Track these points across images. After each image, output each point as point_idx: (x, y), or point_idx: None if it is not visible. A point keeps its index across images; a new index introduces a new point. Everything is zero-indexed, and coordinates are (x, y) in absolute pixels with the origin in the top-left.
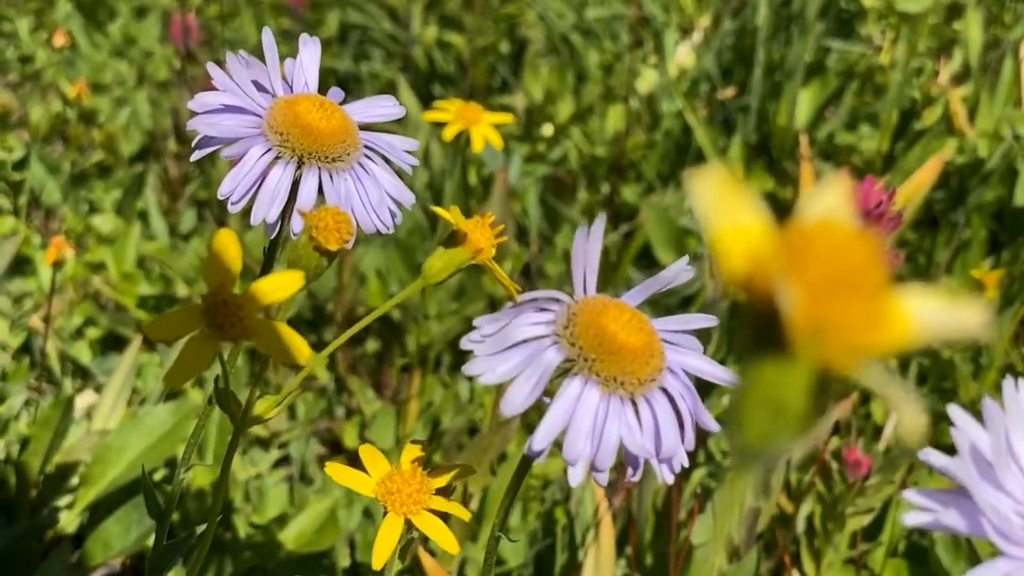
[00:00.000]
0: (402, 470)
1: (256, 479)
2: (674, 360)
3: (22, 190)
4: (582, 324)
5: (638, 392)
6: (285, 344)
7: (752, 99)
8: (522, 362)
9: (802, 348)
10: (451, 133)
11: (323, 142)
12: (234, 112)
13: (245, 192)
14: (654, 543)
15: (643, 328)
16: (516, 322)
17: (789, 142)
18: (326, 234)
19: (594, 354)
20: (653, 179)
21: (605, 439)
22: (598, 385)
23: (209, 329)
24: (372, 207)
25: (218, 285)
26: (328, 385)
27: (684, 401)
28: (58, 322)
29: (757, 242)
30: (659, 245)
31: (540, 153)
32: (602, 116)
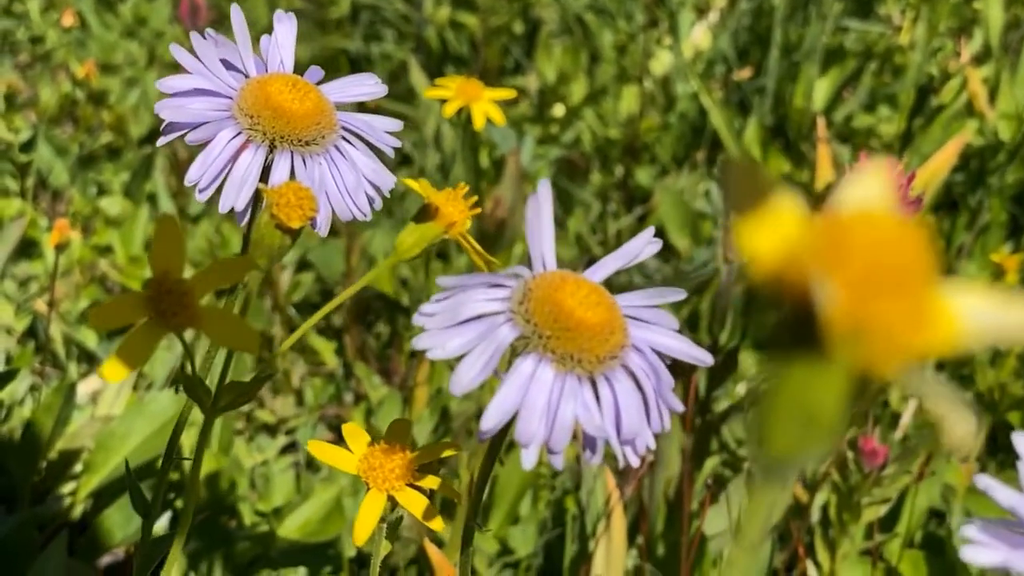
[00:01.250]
0: (384, 447)
1: (262, 466)
2: (640, 337)
3: (29, 172)
4: (537, 299)
5: (597, 371)
6: (234, 332)
7: (769, 80)
8: (474, 338)
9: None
10: (451, 110)
11: (296, 125)
12: (203, 95)
13: (213, 178)
14: (666, 533)
15: (603, 303)
16: (469, 296)
17: (806, 124)
18: (287, 211)
19: (549, 331)
20: (667, 162)
21: (559, 419)
22: (553, 363)
23: (153, 317)
24: (348, 192)
25: (162, 272)
26: (337, 370)
27: (649, 380)
28: (64, 305)
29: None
30: (673, 229)
31: (553, 135)
32: (616, 98)
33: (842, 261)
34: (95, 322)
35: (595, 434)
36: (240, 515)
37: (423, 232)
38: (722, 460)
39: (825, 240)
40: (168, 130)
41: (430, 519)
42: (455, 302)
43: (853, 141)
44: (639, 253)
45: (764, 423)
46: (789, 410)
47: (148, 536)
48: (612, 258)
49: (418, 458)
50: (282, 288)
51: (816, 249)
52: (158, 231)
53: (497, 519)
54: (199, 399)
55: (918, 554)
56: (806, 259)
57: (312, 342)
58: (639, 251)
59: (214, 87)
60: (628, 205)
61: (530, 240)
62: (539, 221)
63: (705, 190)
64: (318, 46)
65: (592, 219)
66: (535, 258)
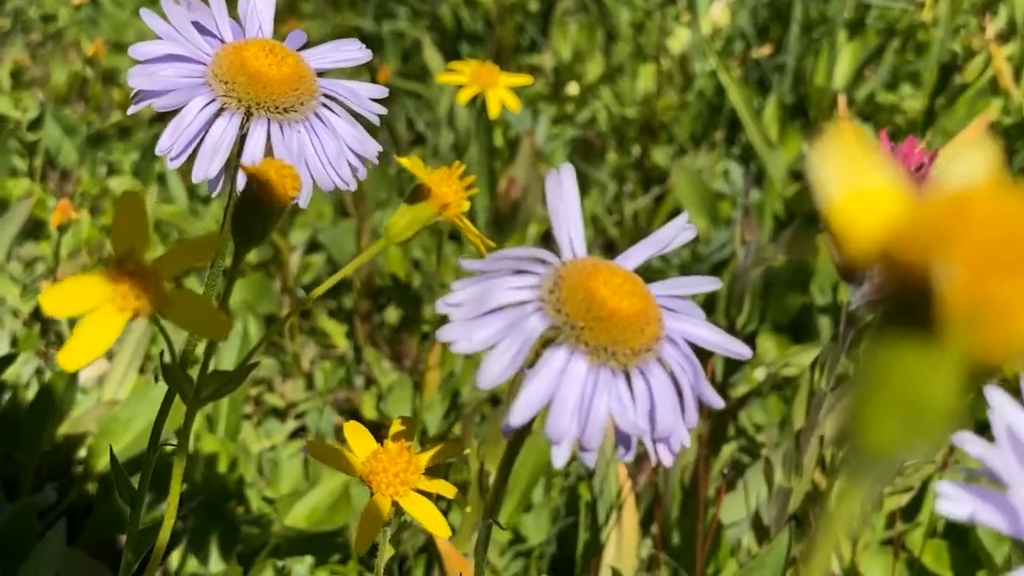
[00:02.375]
0: (388, 448)
1: (271, 451)
2: (674, 328)
3: (37, 151)
4: (569, 288)
5: (631, 363)
6: (203, 318)
7: (788, 58)
8: (502, 329)
9: (955, 332)
10: (466, 97)
11: (272, 91)
12: (175, 60)
13: (185, 146)
14: (681, 521)
15: (638, 292)
16: (496, 285)
17: (827, 102)
18: (268, 190)
19: (582, 321)
20: (685, 141)
21: (593, 415)
22: (586, 355)
23: (114, 301)
24: (329, 162)
25: (125, 251)
26: (347, 354)
27: (684, 373)
28: None
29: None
30: (691, 209)
31: (568, 114)
32: (633, 76)
33: (962, 237)
34: (48, 306)
35: (629, 431)
36: (247, 501)
37: (415, 214)
38: (739, 446)
39: (937, 216)
40: (139, 98)
41: (437, 526)
42: (481, 290)
43: (875, 120)
44: (672, 240)
45: (863, 413)
46: (893, 399)
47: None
48: (645, 245)
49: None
50: (292, 270)
51: (928, 225)
52: (120, 207)
53: (509, 507)
54: (181, 389)
55: (940, 544)
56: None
57: (323, 324)
58: (672, 238)
59: (187, 52)
60: (645, 185)
61: (556, 224)
62: (564, 204)
63: (723, 170)
64: (330, 24)
65: (608, 200)
66: (563, 243)
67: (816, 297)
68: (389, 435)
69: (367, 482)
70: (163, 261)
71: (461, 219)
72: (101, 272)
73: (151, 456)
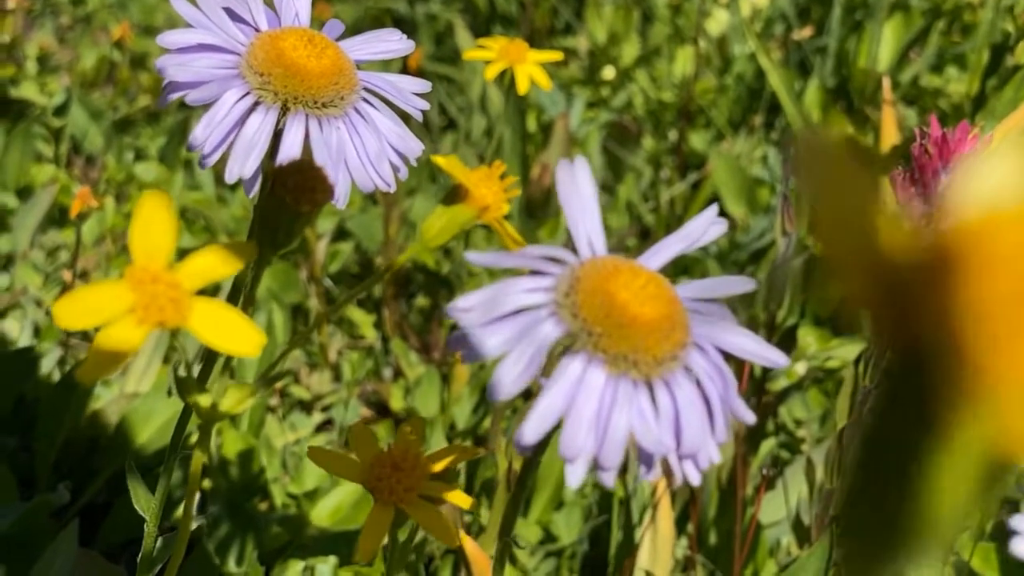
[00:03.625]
0: (393, 452)
1: (296, 444)
2: (703, 334)
3: (62, 137)
4: (586, 291)
5: (654, 374)
6: (231, 332)
7: (830, 40)
8: (514, 336)
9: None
10: (494, 72)
11: (311, 84)
12: (207, 50)
13: (218, 143)
14: (718, 521)
15: (662, 295)
16: (509, 288)
17: (870, 86)
18: (296, 194)
19: (600, 327)
20: (723, 126)
21: (611, 431)
22: (604, 365)
23: (134, 312)
24: (370, 160)
25: (147, 258)
26: (375, 344)
27: (714, 384)
28: (95, 276)
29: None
30: (729, 196)
31: (603, 98)
32: (670, 59)
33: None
34: (63, 318)
35: (651, 448)
36: (272, 497)
37: (453, 216)
38: (779, 442)
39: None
40: (170, 90)
41: (445, 536)
42: (493, 293)
43: (919, 103)
44: (702, 234)
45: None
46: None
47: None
48: (672, 240)
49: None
50: (319, 258)
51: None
52: (141, 207)
53: (540, 505)
54: (193, 403)
55: (989, 546)
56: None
57: (350, 314)
58: (702, 232)
59: (220, 42)
60: (682, 171)
61: (570, 220)
62: (579, 197)
63: (762, 155)
64: (362, 7)
65: (644, 186)
66: (580, 241)
67: None
68: (396, 439)
69: (369, 489)
70: (188, 269)
71: (502, 223)
72: (119, 280)
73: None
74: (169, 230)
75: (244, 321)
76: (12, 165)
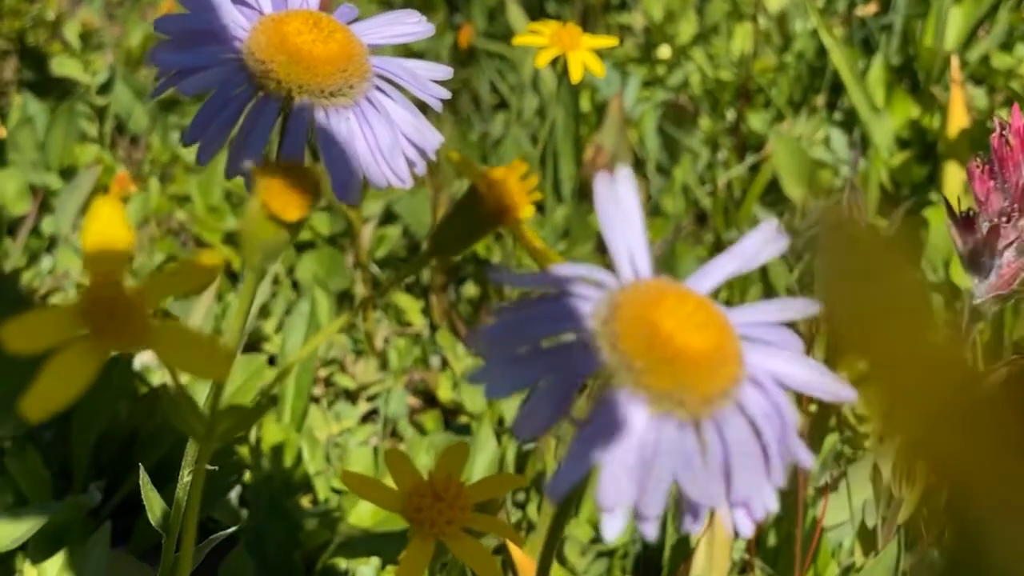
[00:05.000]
0: (434, 481)
1: (340, 435)
2: (759, 366)
3: (107, 116)
4: (627, 319)
5: (703, 413)
6: (195, 356)
7: (896, 16)
8: (543, 370)
9: None
10: (545, 59)
11: (317, 71)
12: (205, 36)
13: (215, 137)
14: (778, 523)
15: (712, 323)
16: (537, 313)
17: (937, 65)
18: (282, 199)
19: (642, 361)
20: (783, 106)
21: (654, 478)
22: (646, 404)
23: (89, 335)
24: (382, 154)
25: (103, 275)
26: (423, 331)
27: (770, 424)
28: (139, 259)
29: None
30: (789, 179)
31: (659, 77)
32: (728, 36)
33: None
34: (10, 340)
35: (698, 499)
36: (315, 490)
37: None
38: (842, 438)
39: None
40: (162, 80)
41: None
42: (519, 319)
43: (988, 83)
44: (758, 253)
45: None
46: None
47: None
48: (724, 260)
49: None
50: (365, 243)
51: None
52: (93, 218)
53: (591, 502)
54: (191, 427)
55: None
56: None
57: (397, 300)
58: (758, 250)
59: (219, 27)
60: (740, 153)
61: (610, 237)
62: (620, 212)
63: (824, 137)
64: None
65: (700, 168)
66: (620, 261)
67: (927, 274)
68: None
69: (408, 521)
70: (147, 288)
71: (523, 229)
72: (72, 301)
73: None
74: (124, 245)
75: (212, 345)
76: (55, 145)
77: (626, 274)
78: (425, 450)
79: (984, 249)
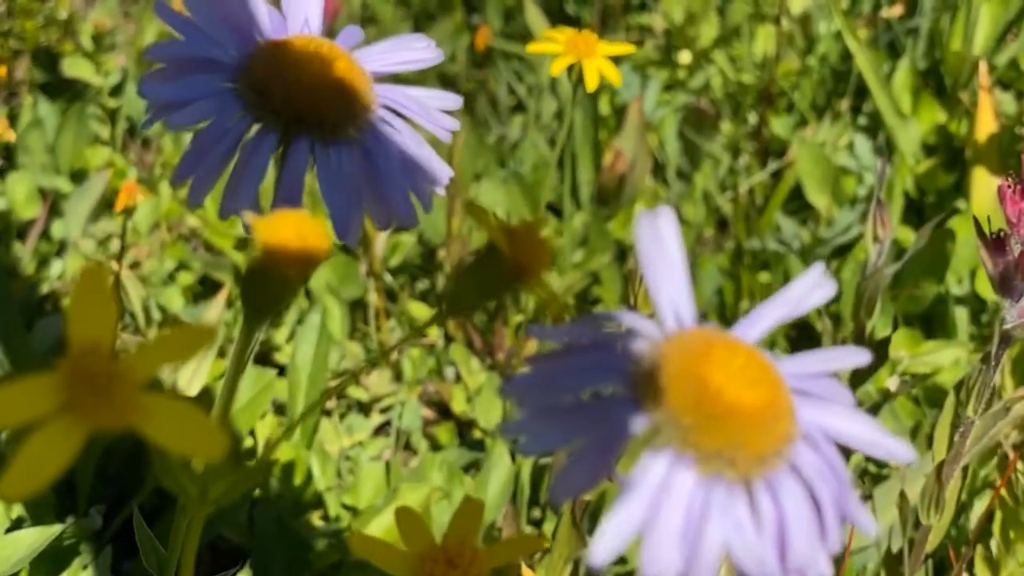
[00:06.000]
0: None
1: (352, 448)
2: (812, 421)
3: (118, 118)
4: (674, 373)
5: (755, 474)
6: (189, 433)
7: (922, 19)
8: (582, 425)
9: None
10: (560, 67)
11: (318, 103)
12: (198, 64)
13: (208, 174)
14: None
15: (765, 377)
16: (578, 364)
17: (965, 69)
18: (284, 254)
19: (690, 419)
20: (806, 110)
21: (704, 545)
22: (695, 465)
23: (70, 411)
24: (386, 192)
25: (86, 346)
26: (438, 342)
27: (825, 483)
28: (149, 265)
29: None
30: (812, 186)
31: (680, 80)
32: (750, 38)
33: None
34: None
35: (750, 567)
36: (326, 506)
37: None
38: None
39: None
40: (155, 111)
41: None
42: (554, 371)
43: (1017, 88)
44: (805, 298)
45: None
46: None
47: None
48: (771, 307)
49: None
50: (379, 251)
51: None
52: (79, 286)
53: None
54: (182, 490)
55: None
56: None
57: (411, 309)
58: (805, 295)
59: (212, 54)
60: (762, 159)
61: (652, 285)
62: (663, 255)
63: (848, 143)
64: None
65: (721, 174)
66: (663, 309)
67: (952, 286)
68: (448, 528)
69: None
70: (135, 359)
71: (541, 289)
72: (53, 373)
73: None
74: (109, 312)
75: (203, 418)
76: (66, 147)
77: (670, 323)
78: (438, 467)
79: (1016, 272)
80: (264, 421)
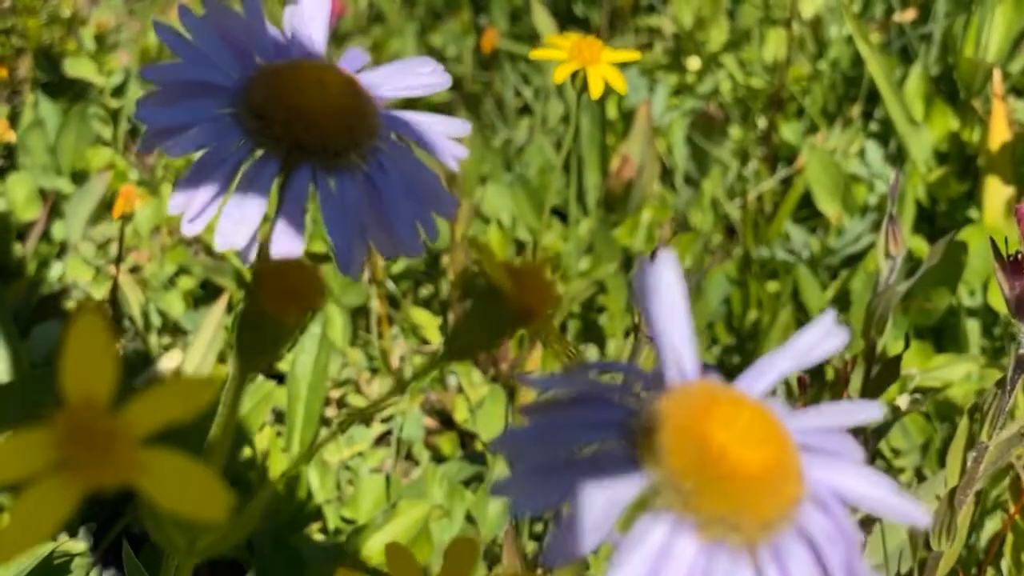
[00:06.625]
0: None
1: (352, 459)
2: (821, 482)
3: (120, 118)
4: (674, 431)
5: (760, 540)
6: (190, 491)
7: (935, 24)
8: (576, 488)
9: None
10: (563, 75)
11: (321, 129)
12: (196, 88)
13: (205, 204)
14: None
15: (771, 436)
16: (572, 418)
17: (978, 76)
18: (282, 301)
19: (691, 481)
20: (817, 116)
21: None
22: (696, 530)
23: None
24: (391, 222)
25: (82, 399)
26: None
27: (835, 548)
28: (149, 269)
29: None
30: (822, 194)
31: (689, 85)
32: (760, 42)
33: None
34: None
35: None
36: (325, 519)
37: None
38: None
39: None
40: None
41: None
42: (548, 425)
43: None
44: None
45: None
46: None
47: None
48: (779, 358)
49: None
50: (380, 258)
51: None
52: (74, 333)
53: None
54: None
55: None
56: None
57: (415, 316)
58: (815, 345)
59: (212, 78)
60: (771, 165)
61: (655, 333)
62: (664, 305)
63: (860, 150)
64: None
65: (730, 181)
66: (666, 361)
67: (964, 299)
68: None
69: None
70: (133, 415)
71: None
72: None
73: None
74: (107, 364)
75: (206, 476)
76: (67, 148)
77: (672, 377)
78: (439, 481)
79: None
80: (263, 432)
